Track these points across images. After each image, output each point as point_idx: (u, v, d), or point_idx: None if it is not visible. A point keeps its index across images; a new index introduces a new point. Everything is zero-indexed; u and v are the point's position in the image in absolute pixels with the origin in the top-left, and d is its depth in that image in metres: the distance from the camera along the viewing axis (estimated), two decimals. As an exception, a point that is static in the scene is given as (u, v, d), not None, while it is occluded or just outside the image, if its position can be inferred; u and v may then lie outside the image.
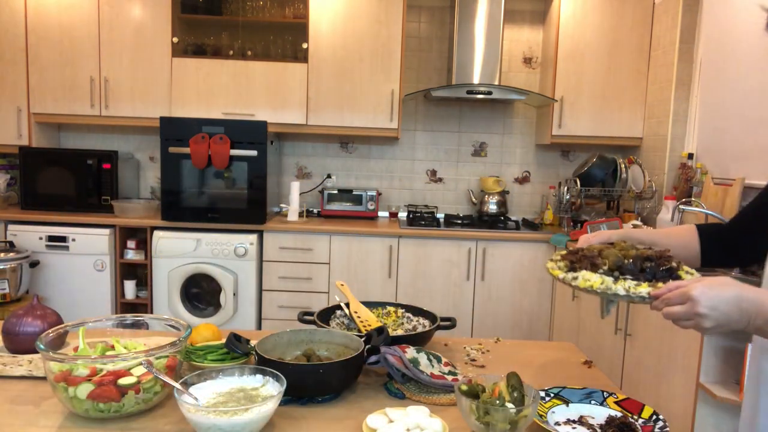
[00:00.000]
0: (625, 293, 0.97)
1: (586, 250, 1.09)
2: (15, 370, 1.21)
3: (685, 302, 0.91)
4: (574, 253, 1.09)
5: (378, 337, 1.24)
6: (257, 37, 3.86)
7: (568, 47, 3.70)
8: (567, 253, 1.12)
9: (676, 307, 0.92)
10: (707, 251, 1.23)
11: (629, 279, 0.98)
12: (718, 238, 1.24)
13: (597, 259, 1.03)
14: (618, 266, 1.01)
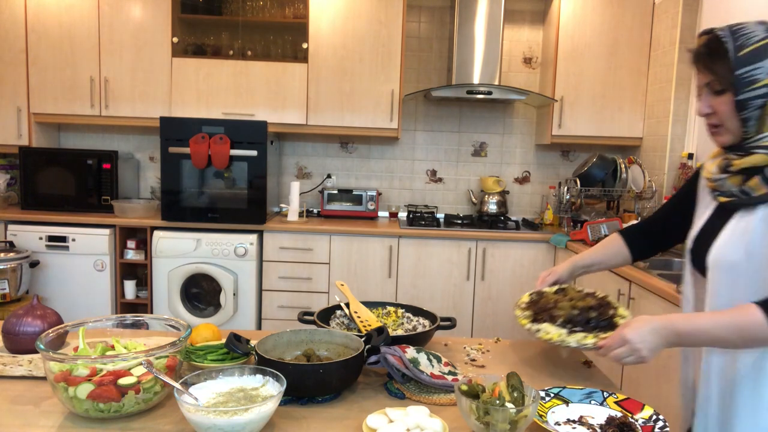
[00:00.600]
0: (576, 344, 1.23)
1: (544, 301, 1.35)
2: (15, 370, 1.21)
3: (623, 344, 1.14)
4: (535, 303, 1.36)
5: (378, 337, 1.24)
6: (257, 37, 3.86)
7: (568, 47, 3.70)
8: (529, 303, 1.38)
9: (619, 349, 1.14)
10: (635, 249, 1.54)
11: (579, 331, 1.25)
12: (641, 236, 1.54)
13: (554, 311, 1.31)
14: (570, 320, 1.28)
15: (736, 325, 1.09)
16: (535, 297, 1.42)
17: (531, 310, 1.36)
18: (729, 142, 1.23)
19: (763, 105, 1.16)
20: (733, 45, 1.19)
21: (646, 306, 2.48)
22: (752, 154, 1.18)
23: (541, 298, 1.39)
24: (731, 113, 1.19)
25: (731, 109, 1.19)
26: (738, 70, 1.16)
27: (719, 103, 1.21)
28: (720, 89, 1.20)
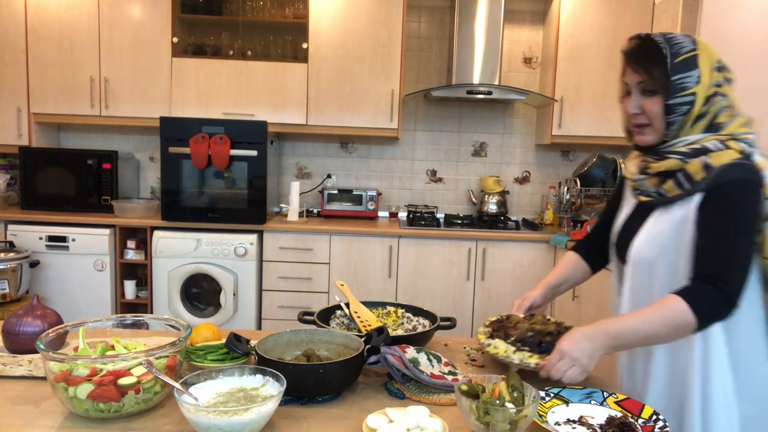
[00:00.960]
0: (519, 362, 1.25)
1: (507, 322, 1.39)
2: (15, 370, 1.21)
3: (562, 357, 1.18)
4: (499, 322, 1.40)
5: (378, 337, 1.24)
6: (257, 37, 3.86)
7: (568, 47, 3.70)
8: (494, 321, 1.42)
9: (559, 363, 1.17)
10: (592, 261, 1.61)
11: (526, 351, 1.28)
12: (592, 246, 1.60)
13: (510, 330, 1.34)
14: (521, 339, 1.30)
15: (663, 317, 1.16)
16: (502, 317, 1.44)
17: (492, 327, 1.40)
18: (652, 141, 1.31)
19: (688, 111, 1.26)
20: (669, 51, 1.26)
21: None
22: (667, 158, 1.28)
23: (507, 319, 1.42)
24: (659, 114, 1.27)
25: (660, 110, 1.27)
26: (673, 76, 1.25)
27: (650, 103, 1.28)
28: (652, 90, 1.27)
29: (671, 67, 1.25)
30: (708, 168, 1.22)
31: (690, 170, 1.25)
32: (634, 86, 1.30)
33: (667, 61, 1.25)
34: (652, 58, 1.27)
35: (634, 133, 1.34)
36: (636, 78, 1.29)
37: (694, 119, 1.26)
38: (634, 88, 1.30)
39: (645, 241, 1.32)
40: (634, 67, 1.30)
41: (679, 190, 1.26)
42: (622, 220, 1.43)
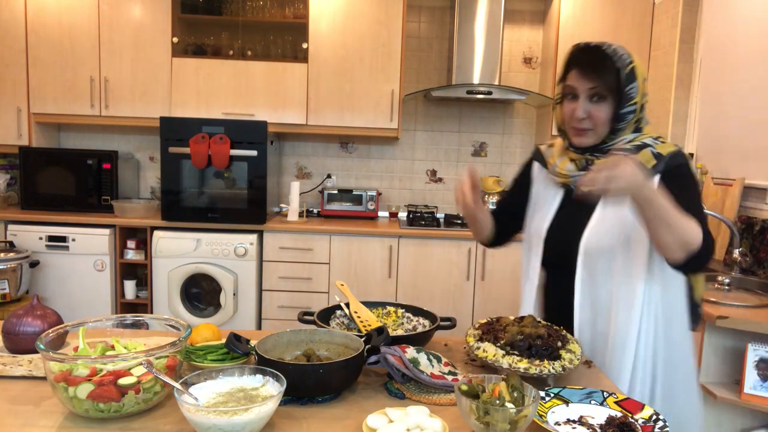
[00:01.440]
0: (508, 366, 1.23)
1: (497, 324, 1.37)
2: (15, 370, 1.21)
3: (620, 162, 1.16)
4: (489, 325, 1.39)
5: (378, 337, 1.24)
6: (257, 37, 3.86)
7: (568, 47, 3.68)
8: (484, 323, 1.40)
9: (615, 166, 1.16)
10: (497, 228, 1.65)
11: (515, 355, 1.25)
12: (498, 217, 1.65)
13: (500, 333, 1.32)
14: (511, 343, 1.28)
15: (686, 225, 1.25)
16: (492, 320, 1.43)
17: (481, 330, 1.38)
18: (591, 143, 1.41)
19: (631, 119, 1.38)
20: (620, 63, 1.37)
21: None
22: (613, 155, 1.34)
23: (497, 322, 1.41)
24: (606, 121, 1.38)
25: (607, 116, 1.37)
26: (625, 87, 1.36)
27: (598, 110, 1.38)
28: (601, 97, 1.37)
29: (622, 79, 1.35)
30: (658, 156, 1.37)
31: (642, 159, 1.35)
32: (583, 92, 1.38)
33: (621, 72, 1.35)
34: (605, 67, 1.36)
35: (573, 134, 1.42)
36: (588, 85, 1.37)
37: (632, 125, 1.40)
38: (583, 93, 1.38)
39: (601, 232, 1.40)
40: (587, 73, 1.37)
41: None
42: (550, 214, 1.49)
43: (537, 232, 1.52)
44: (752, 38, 2.85)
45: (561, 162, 1.47)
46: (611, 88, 1.36)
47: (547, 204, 1.52)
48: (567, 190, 1.49)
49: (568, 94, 1.42)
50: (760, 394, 1.89)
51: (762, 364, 1.88)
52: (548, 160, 1.52)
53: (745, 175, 2.82)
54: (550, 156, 1.52)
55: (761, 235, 2.59)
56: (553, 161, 1.50)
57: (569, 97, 1.42)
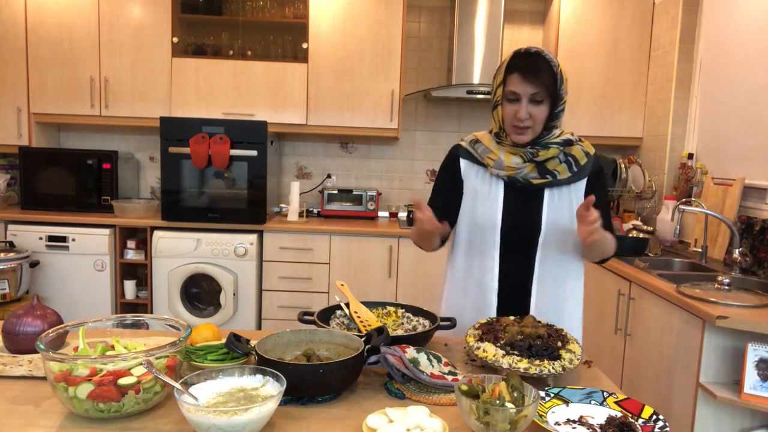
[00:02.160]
0: (508, 366, 1.23)
1: (497, 324, 1.40)
2: (15, 370, 1.21)
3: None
4: (489, 324, 1.41)
5: (378, 337, 1.24)
6: (257, 37, 3.86)
7: (568, 47, 3.70)
8: (484, 323, 1.43)
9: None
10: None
11: (515, 355, 1.26)
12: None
13: (500, 333, 1.34)
14: (511, 343, 1.29)
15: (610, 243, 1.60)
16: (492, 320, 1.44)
17: (482, 330, 1.39)
18: (529, 140, 1.57)
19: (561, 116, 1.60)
20: (556, 67, 1.53)
21: (646, 306, 2.48)
22: (549, 148, 1.58)
23: (497, 322, 1.42)
24: (543, 119, 1.55)
25: (545, 116, 1.55)
26: (560, 89, 1.54)
27: (538, 111, 1.54)
28: (541, 100, 1.52)
29: (558, 82, 1.53)
30: (588, 154, 1.64)
31: (576, 155, 1.61)
32: (525, 96, 1.52)
33: (557, 75, 1.53)
34: (545, 73, 1.51)
35: (514, 132, 1.57)
36: (530, 90, 1.51)
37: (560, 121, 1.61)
38: (525, 97, 1.52)
39: (555, 214, 1.59)
40: (529, 79, 1.51)
41: (570, 173, 1.59)
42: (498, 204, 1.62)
43: (489, 223, 1.62)
44: (752, 38, 2.85)
45: (506, 157, 1.59)
46: (550, 91, 1.52)
47: (491, 196, 1.63)
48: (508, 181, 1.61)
49: (508, 97, 1.55)
50: (760, 394, 1.88)
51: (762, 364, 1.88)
52: (487, 156, 1.62)
53: (745, 175, 2.82)
54: (487, 152, 1.63)
55: (761, 235, 2.59)
56: (496, 157, 1.60)
57: (510, 99, 1.55)
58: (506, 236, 1.61)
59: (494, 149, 1.62)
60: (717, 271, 2.67)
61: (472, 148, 1.67)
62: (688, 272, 2.77)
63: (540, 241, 1.61)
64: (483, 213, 1.63)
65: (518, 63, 1.53)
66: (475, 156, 1.66)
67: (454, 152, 1.71)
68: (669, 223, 3.19)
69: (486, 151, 1.63)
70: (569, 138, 1.63)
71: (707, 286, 2.24)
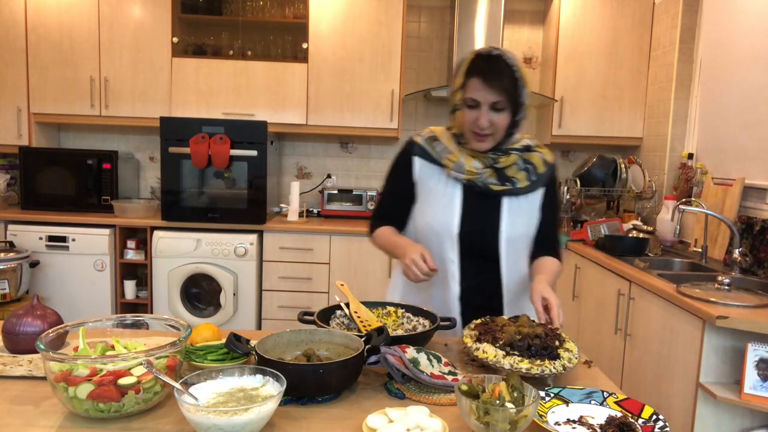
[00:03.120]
0: (509, 367, 1.23)
1: (493, 324, 1.39)
2: (15, 370, 1.21)
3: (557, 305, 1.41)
4: (485, 325, 1.40)
5: (378, 337, 1.24)
6: (257, 37, 3.86)
7: (568, 47, 3.70)
8: (480, 324, 1.42)
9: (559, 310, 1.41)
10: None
11: (515, 355, 1.26)
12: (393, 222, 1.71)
13: (498, 333, 1.33)
14: (510, 343, 1.29)
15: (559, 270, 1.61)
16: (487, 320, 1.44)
17: (478, 330, 1.38)
18: (490, 147, 1.54)
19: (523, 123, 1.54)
20: (517, 73, 1.48)
21: (646, 306, 2.48)
22: (510, 154, 1.56)
23: (492, 322, 1.41)
24: (504, 127, 1.50)
25: (506, 124, 1.50)
26: (521, 96, 1.49)
27: (500, 119, 1.49)
28: (502, 108, 1.48)
29: (520, 89, 1.48)
30: (545, 163, 1.61)
31: (535, 163, 1.59)
32: (485, 103, 1.47)
33: (519, 82, 1.48)
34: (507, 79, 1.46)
35: (474, 139, 1.52)
36: (492, 98, 1.46)
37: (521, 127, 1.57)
38: (486, 105, 1.47)
39: (514, 222, 1.57)
40: (491, 86, 1.45)
41: (528, 182, 1.57)
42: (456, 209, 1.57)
43: (446, 227, 1.57)
44: (752, 38, 2.85)
45: (466, 160, 1.55)
46: (512, 100, 1.48)
47: (447, 199, 1.58)
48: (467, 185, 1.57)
49: (469, 103, 1.49)
50: (760, 394, 1.89)
51: (762, 364, 1.88)
52: (446, 156, 1.57)
53: (745, 175, 2.82)
54: (446, 153, 1.57)
55: (761, 235, 2.59)
56: (457, 159, 1.55)
57: (470, 105, 1.49)
58: (464, 242, 1.58)
59: (455, 150, 1.57)
60: (717, 271, 2.67)
61: (430, 146, 1.60)
62: (688, 272, 2.77)
63: (503, 249, 1.58)
64: (440, 217, 1.58)
65: (479, 66, 1.47)
66: (432, 155, 1.60)
67: (409, 150, 1.64)
68: (669, 223, 3.19)
69: (445, 151, 1.58)
70: (528, 144, 1.61)
71: (707, 286, 2.24)
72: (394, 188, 1.69)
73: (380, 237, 1.66)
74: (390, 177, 1.70)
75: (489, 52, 1.48)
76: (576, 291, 3.27)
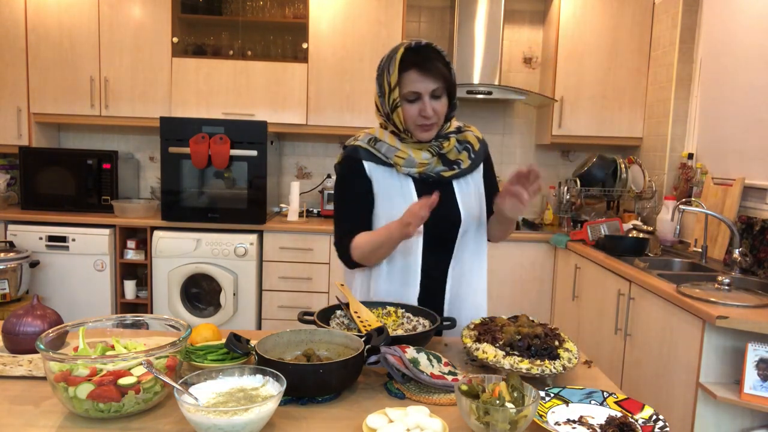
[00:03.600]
0: (510, 367, 1.23)
1: (492, 324, 1.39)
2: (15, 370, 1.21)
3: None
4: (484, 325, 1.40)
5: (378, 337, 1.24)
6: (257, 37, 3.86)
7: (568, 47, 3.70)
8: (479, 324, 1.42)
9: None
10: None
11: (515, 355, 1.26)
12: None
13: (498, 333, 1.34)
14: (510, 343, 1.29)
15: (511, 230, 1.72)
16: (486, 320, 1.44)
17: (477, 330, 1.38)
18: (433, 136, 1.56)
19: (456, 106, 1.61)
20: (446, 55, 1.52)
21: (646, 306, 2.48)
22: (449, 138, 1.60)
23: (492, 322, 1.42)
24: (444, 112, 1.55)
25: (446, 110, 1.55)
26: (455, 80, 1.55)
27: (441, 106, 1.53)
28: (440, 95, 1.52)
29: (453, 72, 1.53)
30: (478, 140, 1.68)
31: (471, 141, 1.64)
32: (426, 93, 1.49)
33: (452, 67, 1.53)
34: (445, 66, 1.50)
35: (420, 131, 1.54)
36: (431, 86, 1.49)
37: None
38: (426, 94, 1.49)
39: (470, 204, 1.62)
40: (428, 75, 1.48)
41: (470, 160, 1.62)
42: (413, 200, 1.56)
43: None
44: (752, 38, 2.85)
45: (415, 153, 1.57)
46: (450, 84, 1.52)
47: (404, 194, 1.59)
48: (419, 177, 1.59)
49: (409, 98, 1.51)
50: (760, 394, 1.89)
51: (762, 364, 1.88)
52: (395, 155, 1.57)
53: (745, 175, 2.82)
54: (393, 151, 1.57)
55: (761, 235, 2.59)
56: (406, 155, 1.56)
57: (410, 100, 1.51)
58: (428, 234, 1.58)
59: (401, 147, 1.57)
60: (717, 271, 2.67)
61: (373, 147, 1.59)
62: (688, 272, 2.77)
63: (459, 233, 1.61)
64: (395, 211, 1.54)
65: (412, 59, 1.49)
66: (378, 156, 1.58)
67: (354, 155, 1.60)
68: (669, 223, 3.19)
69: (392, 149, 1.57)
70: (459, 125, 1.66)
71: (707, 286, 2.24)
72: (353, 198, 1.63)
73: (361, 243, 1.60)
74: (344, 189, 1.65)
75: (417, 43, 1.52)
76: (576, 291, 3.27)
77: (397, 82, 1.51)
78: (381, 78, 1.57)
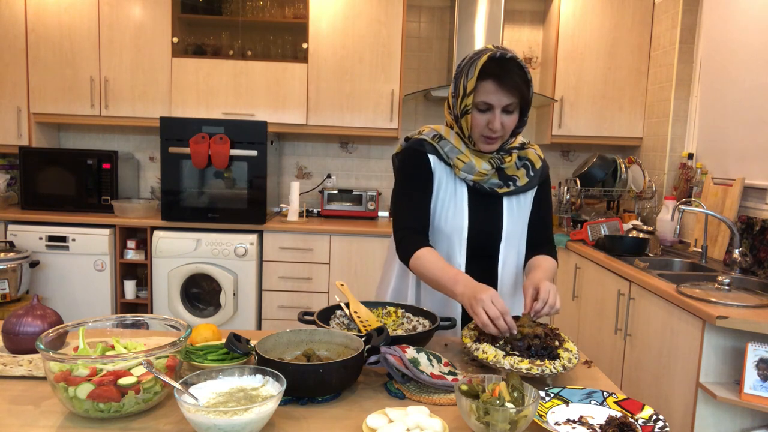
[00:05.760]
0: (510, 367, 1.22)
1: None
2: (15, 370, 1.21)
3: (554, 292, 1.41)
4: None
5: (378, 337, 1.24)
6: (257, 37, 3.86)
7: (568, 47, 3.70)
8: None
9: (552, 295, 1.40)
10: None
11: (515, 355, 1.26)
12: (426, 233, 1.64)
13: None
14: (510, 343, 1.29)
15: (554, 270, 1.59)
16: None
17: (477, 330, 1.37)
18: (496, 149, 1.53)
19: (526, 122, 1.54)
20: (529, 74, 1.45)
21: (646, 306, 2.48)
22: (511, 154, 1.57)
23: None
24: (511, 129, 1.50)
25: (513, 126, 1.49)
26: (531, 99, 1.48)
27: (510, 121, 1.48)
28: (513, 110, 1.46)
29: (531, 90, 1.47)
30: (540, 158, 1.62)
31: (532, 159, 1.60)
32: (499, 106, 1.44)
33: (530, 85, 1.46)
34: (525, 83, 1.44)
35: (483, 142, 1.50)
36: (506, 101, 1.43)
37: None
38: (499, 108, 1.44)
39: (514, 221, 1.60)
40: (506, 89, 1.42)
41: (527, 178, 1.58)
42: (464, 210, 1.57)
43: (457, 230, 1.58)
44: (752, 38, 2.85)
45: (477, 161, 1.53)
46: (526, 101, 1.47)
47: (456, 200, 1.57)
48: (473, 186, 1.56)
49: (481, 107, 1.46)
50: (760, 394, 1.89)
51: (762, 364, 1.88)
52: (456, 157, 1.54)
53: (745, 175, 2.82)
54: (456, 153, 1.54)
55: (761, 235, 2.59)
56: (468, 160, 1.53)
57: (482, 109, 1.46)
58: (471, 244, 1.59)
59: (465, 151, 1.53)
60: (717, 271, 2.67)
61: (438, 144, 1.56)
62: (688, 272, 2.77)
63: (501, 248, 1.60)
64: (450, 219, 1.57)
65: (493, 69, 1.42)
66: (441, 154, 1.55)
67: (420, 148, 1.57)
68: (669, 223, 3.19)
69: (455, 151, 1.54)
70: (523, 141, 1.62)
71: (707, 286, 2.24)
72: (419, 191, 1.57)
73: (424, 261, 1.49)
74: (410, 180, 1.58)
75: (502, 54, 1.43)
76: (576, 291, 3.27)
77: (473, 88, 1.44)
78: (458, 79, 1.49)
